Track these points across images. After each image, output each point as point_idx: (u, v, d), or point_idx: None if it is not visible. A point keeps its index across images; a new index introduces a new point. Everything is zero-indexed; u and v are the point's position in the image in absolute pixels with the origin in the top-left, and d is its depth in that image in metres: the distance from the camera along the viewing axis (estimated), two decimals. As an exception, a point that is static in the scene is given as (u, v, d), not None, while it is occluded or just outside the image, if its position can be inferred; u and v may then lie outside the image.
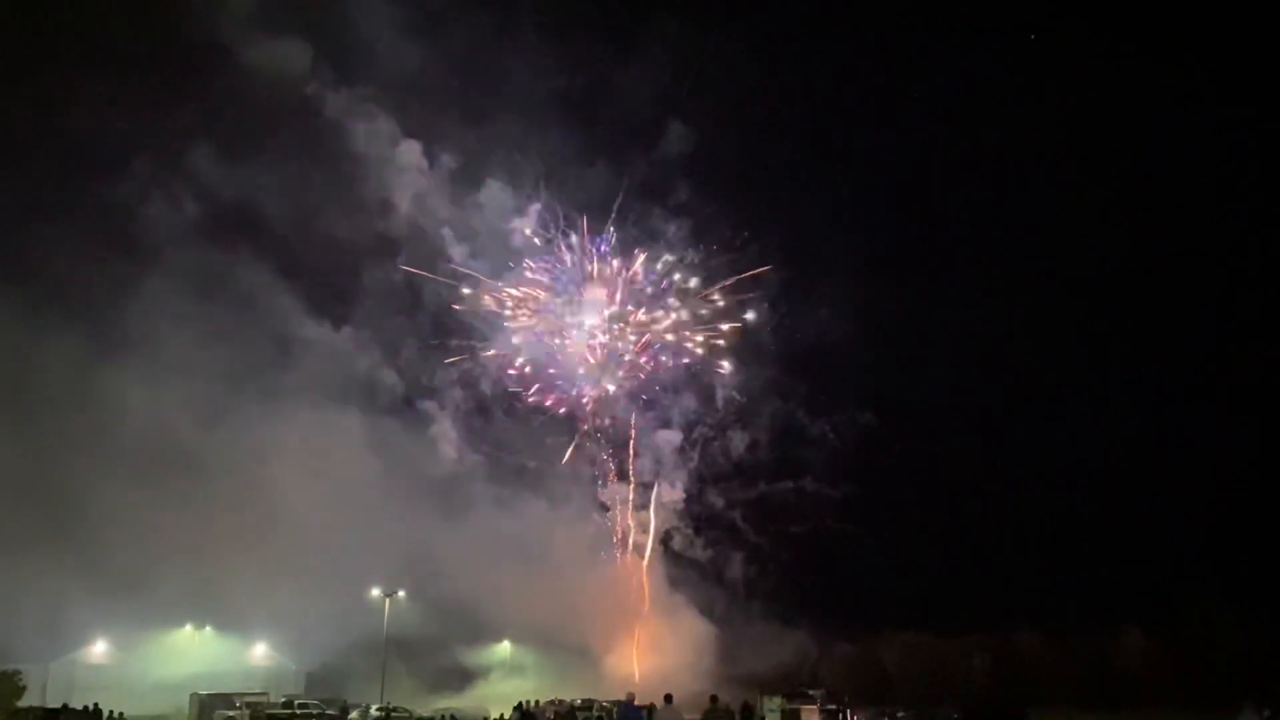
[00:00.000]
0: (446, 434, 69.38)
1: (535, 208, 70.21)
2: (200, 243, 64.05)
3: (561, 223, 70.45)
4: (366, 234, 68.85)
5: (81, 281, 60.08)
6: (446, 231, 69.33)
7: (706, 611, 69.05)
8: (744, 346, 71.90)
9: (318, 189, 67.18)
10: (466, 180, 69.57)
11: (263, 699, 49.97)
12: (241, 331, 62.84)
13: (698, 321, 71.53)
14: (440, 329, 70.76)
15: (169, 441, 57.74)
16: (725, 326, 71.01)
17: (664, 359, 72.35)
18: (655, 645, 67.54)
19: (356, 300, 70.18)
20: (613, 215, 69.96)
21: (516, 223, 70.03)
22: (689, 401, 73.32)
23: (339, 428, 63.13)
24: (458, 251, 69.79)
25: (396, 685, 58.65)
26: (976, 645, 61.84)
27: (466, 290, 69.67)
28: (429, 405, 70.36)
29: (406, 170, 68.68)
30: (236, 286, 63.94)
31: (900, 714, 49.98)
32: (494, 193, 69.60)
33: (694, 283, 71.04)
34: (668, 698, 22.80)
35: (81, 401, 57.14)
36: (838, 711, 50.21)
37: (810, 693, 52.00)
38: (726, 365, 71.69)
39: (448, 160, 69.36)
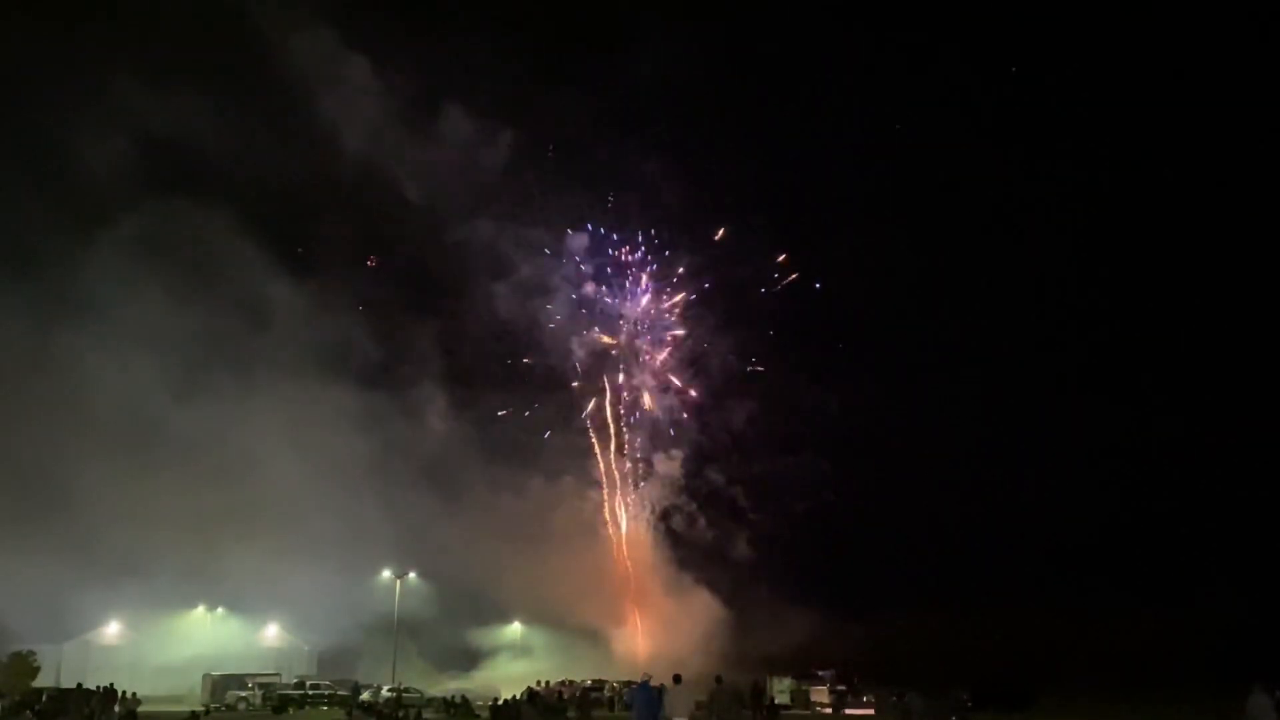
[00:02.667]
0: (435, 405, 64.80)
1: (505, 138, 64.21)
2: (135, 188, 58.30)
3: (533, 157, 64.86)
4: (315, 168, 61.74)
5: (30, 244, 56.94)
6: (403, 166, 62.87)
7: (714, 591, 68.25)
8: (737, 309, 69.83)
9: (254, 115, 59.98)
10: (424, 105, 62.78)
11: (275, 679, 50.44)
12: (205, 293, 58.62)
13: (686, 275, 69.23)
14: (410, 282, 65.65)
15: (162, 420, 56.98)
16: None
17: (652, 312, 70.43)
18: (664, 625, 67.44)
19: (317, 249, 64.29)
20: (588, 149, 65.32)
21: (483, 155, 63.77)
22: (683, 368, 71.14)
23: (329, 401, 60.58)
24: (415, 189, 63.14)
25: (407, 666, 59.10)
26: (987, 626, 61.67)
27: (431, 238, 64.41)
28: (413, 373, 65.49)
29: (355, 91, 61.44)
30: (188, 240, 58.55)
31: (910, 694, 49.83)
32: (456, 120, 62.73)
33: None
34: (676, 678, 22.71)
35: (65, 378, 55.56)
36: (847, 692, 50.31)
37: (820, 673, 52.11)
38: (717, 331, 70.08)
39: (401, 82, 62.20)
